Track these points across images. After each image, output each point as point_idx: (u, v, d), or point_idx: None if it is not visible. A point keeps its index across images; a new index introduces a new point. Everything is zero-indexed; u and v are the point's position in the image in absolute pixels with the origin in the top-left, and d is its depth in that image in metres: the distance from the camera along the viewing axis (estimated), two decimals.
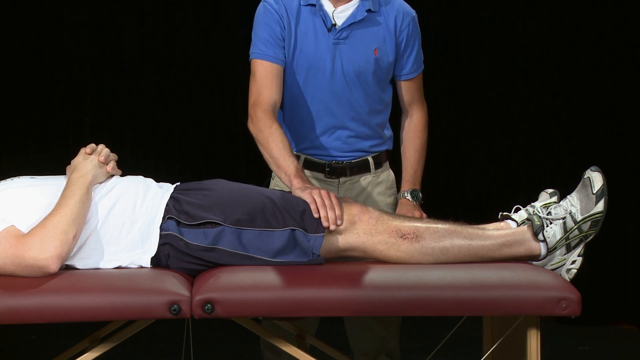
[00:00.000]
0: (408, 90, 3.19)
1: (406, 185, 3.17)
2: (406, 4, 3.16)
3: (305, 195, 2.66)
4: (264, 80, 3.01)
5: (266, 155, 2.92)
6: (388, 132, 3.25)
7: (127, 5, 5.70)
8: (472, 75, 5.72)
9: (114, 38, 5.72)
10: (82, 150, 2.73)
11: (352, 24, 3.05)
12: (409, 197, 3.13)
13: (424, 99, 3.25)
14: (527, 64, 5.53)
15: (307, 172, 3.07)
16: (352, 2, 3.06)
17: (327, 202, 2.62)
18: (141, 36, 5.73)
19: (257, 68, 3.03)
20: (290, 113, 3.12)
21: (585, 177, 2.66)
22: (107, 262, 2.59)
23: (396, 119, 3.29)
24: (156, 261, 2.60)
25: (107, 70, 5.73)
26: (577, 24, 5.35)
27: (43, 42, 5.65)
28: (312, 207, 2.62)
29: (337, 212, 2.61)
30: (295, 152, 3.11)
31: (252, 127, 2.97)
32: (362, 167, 3.19)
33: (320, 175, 3.14)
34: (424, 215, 3.05)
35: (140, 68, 5.75)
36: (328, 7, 3.06)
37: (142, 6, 5.72)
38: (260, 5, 3.08)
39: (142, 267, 2.60)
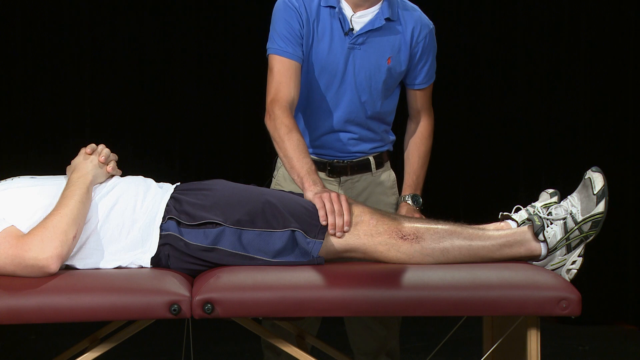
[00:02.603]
0: (418, 99, 3.20)
1: (407, 190, 3.17)
2: (425, 15, 3.16)
3: (315, 200, 2.65)
4: (282, 77, 2.99)
5: (281, 154, 2.90)
6: (391, 137, 3.25)
7: (126, 5, 5.71)
8: (472, 75, 5.72)
9: (114, 38, 5.72)
10: (82, 150, 2.73)
11: (369, 31, 3.04)
12: (409, 201, 3.14)
13: (432, 107, 3.24)
14: (528, 64, 5.54)
15: None
16: (371, 8, 3.04)
17: (336, 207, 2.62)
18: (141, 36, 5.73)
19: (275, 64, 3.02)
20: (296, 110, 3.11)
21: (586, 177, 2.66)
22: (107, 262, 2.59)
23: (400, 122, 3.29)
24: (156, 261, 2.60)
25: (107, 70, 5.74)
26: (577, 24, 5.35)
27: (43, 42, 5.65)
28: (321, 213, 2.61)
29: (346, 217, 2.61)
30: None
31: (269, 124, 2.95)
32: (363, 167, 3.19)
33: (322, 174, 3.13)
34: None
35: (141, 68, 5.75)
36: (347, 10, 3.04)
37: (142, 6, 5.72)
38: (280, 0, 3.07)
39: (142, 267, 2.60)
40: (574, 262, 2.63)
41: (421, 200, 3.16)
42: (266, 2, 3.37)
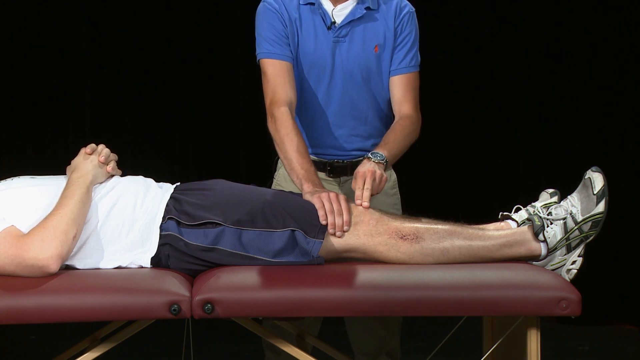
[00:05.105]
0: (398, 88, 3.10)
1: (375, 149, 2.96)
2: (405, 0, 3.16)
3: (314, 200, 2.65)
4: (277, 78, 3.01)
5: (281, 156, 2.92)
6: None
7: (127, 5, 5.71)
8: (472, 75, 5.72)
9: (114, 38, 5.72)
10: (83, 150, 2.73)
11: (351, 22, 3.06)
12: (369, 155, 2.90)
13: (418, 106, 3.12)
14: (528, 63, 5.54)
15: None
16: (350, 0, 3.06)
17: (335, 207, 2.62)
18: (141, 36, 5.73)
19: (267, 68, 3.03)
20: None
21: (586, 177, 2.66)
22: (107, 262, 2.59)
23: None
24: (156, 261, 2.60)
25: (107, 70, 5.74)
26: (577, 23, 5.35)
27: (43, 41, 5.65)
28: (321, 212, 2.62)
29: (346, 217, 2.61)
30: None
31: (270, 127, 2.96)
32: None
33: (322, 174, 3.13)
34: (384, 176, 2.83)
35: (141, 68, 5.75)
36: (327, 5, 3.07)
37: (142, 6, 5.72)
38: (260, 5, 3.09)
39: (142, 267, 2.60)
40: (574, 262, 2.63)
41: (384, 155, 2.89)
42: None
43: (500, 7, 5.59)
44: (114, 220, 2.61)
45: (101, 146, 2.75)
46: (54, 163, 3.03)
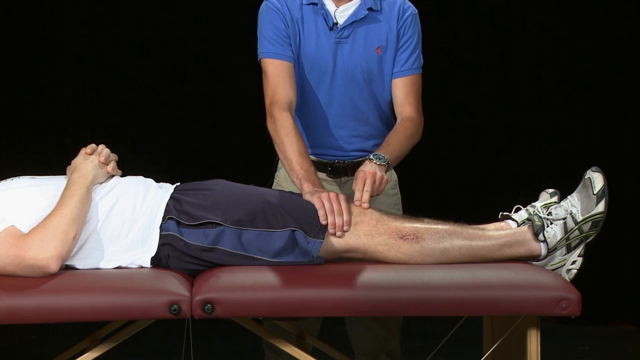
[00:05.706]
0: (400, 90, 3.11)
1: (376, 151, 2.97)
2: (408, 1, 3.16)
3: (314, 200, 2.66)
4: (277, 78, 3.01)
5: (281, 156, 2.92)
6: None
7: (127, 5, 5.71)
8: (472, 74, 5.72)
9: (114, 38, 5.72)
10: (83, 151, 2.73)
11: (353, 23, 3.06)
12: (371, 157, 2.92)
13: (421, 109, 3.12)
14: (528, 63, 5.54)
15: None
16: (353, 1, 3.06)
17: (335, 207, 2.62)
18: (141, 36, 5.73)
19: (268, 67, 3.04)
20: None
21: (586, 177, 2.66)
22: (107, 262, 2.59)
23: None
24: (156, 261, 2.60)
25: (107, 70, 5.74)
26: (577, 23, 5.35)
27: (43, 41, 5.65)
28: (321, 212, 2.62)
29: (346, 217, 2.61)
30: None
31: (270, 127, 2.96)
32: None
33: (322, 175, 3.13)
34: (385, 178, 2.86)
35: (141, 68, 5.75)
36: (330, 6, 3.06)
37: (143, 5, 5.72)
38: (263, 4, 3.09)
39: (142, 267, 2.60)
40: (574, 262, 2.63)
41: (385, 157, 2.91)
42: None
43: (501, 7, 5.58)
44: (114, 220, 2.61)
45: (101, 146, 2.75)
46: (54, 163, 3.03)
